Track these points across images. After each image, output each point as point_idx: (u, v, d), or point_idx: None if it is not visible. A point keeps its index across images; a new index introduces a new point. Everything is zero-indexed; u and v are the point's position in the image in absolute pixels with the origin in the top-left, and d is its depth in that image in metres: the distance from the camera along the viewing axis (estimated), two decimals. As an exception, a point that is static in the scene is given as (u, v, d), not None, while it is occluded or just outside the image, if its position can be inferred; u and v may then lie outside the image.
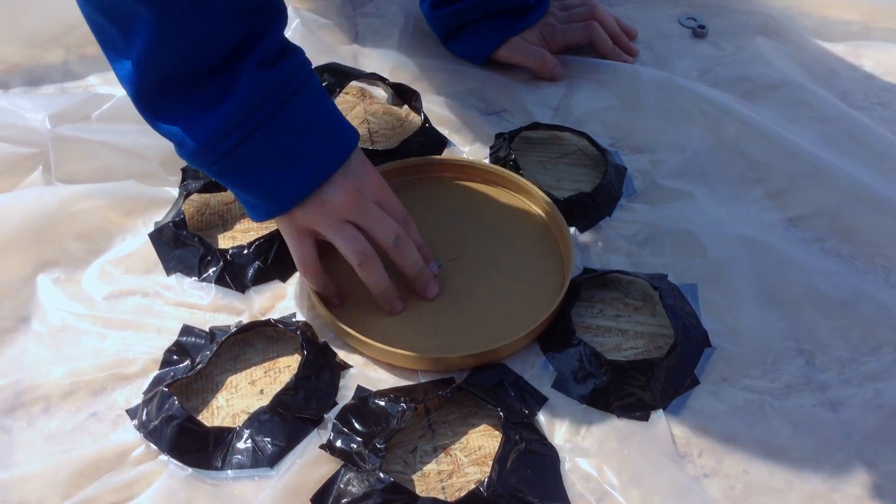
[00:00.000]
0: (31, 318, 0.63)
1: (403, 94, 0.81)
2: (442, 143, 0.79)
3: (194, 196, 0.72)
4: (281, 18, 0.59)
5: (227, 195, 0.74)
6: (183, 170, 0.73)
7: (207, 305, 0.65)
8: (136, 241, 0.69)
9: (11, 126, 0.75)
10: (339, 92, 0.80)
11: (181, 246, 0.68)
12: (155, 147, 0.74)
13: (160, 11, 0.51)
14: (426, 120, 0.79)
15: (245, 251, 0.67)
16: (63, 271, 0.66)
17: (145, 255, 0.68)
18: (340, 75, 0.80)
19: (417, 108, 0.80)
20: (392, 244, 0.62)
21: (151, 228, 0.70)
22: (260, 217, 0.60)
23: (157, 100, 0.56)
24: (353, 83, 0.83)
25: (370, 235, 0.61)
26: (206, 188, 0.72)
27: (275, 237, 0.68)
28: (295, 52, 0.59)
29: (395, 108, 0.84)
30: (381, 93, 0.85)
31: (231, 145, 0.55)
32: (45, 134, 0.73)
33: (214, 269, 0.67)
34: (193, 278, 0.67)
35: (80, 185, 0.72)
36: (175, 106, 0.56)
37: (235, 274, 0.67)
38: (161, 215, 0.71)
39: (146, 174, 0.74)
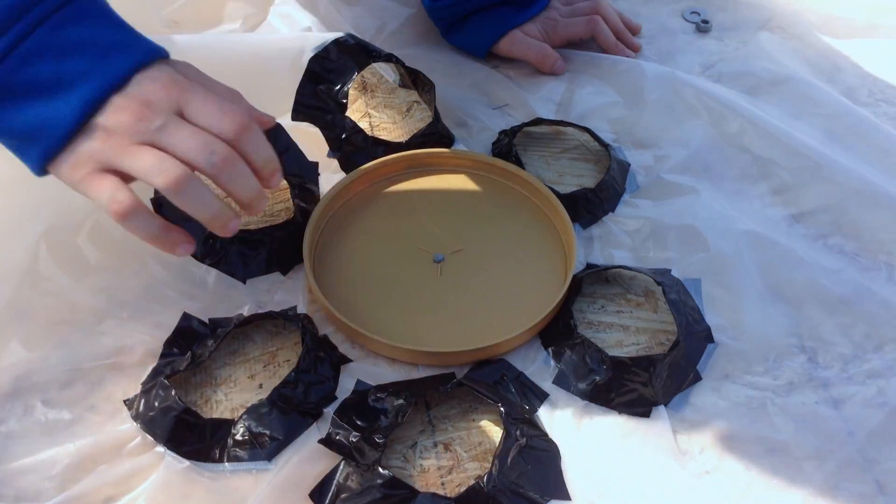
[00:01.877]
0: (26, 305, 0.62)
1: (417, 83, 0.80)
2: (450, 140, 0.78)
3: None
4: None
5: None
6: None
7: (208, 293, 0.64)
8: None
9: None
10: (357, 73, 0.77)
11: (184, 219, 0.66)
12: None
13: None
14: (437, 116, 0.78)
15: (249, 237, 0.66)
16: (59, 233, 0.64)
17: None
18: (359, 51, 0.76)
19: (429, 101, 0.79)
20: (205, 162, 0.49)
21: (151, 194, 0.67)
22: (36, 163, 0.49)
23: None
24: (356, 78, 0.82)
25: (177, 156, 0.49)
26: None
27: (277, 228, 0.68)
28: None
29: (398, 100, 0.83)
30: (389, 73, 0.83)
31: None
32: None
33: (217, 251, 0.66)
34: (194, 257, 0.65)
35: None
36: None
37: (237, 261, 0.66)
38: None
39: None
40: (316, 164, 0.73)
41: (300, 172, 0.71)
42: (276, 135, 0.69)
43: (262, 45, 0.78)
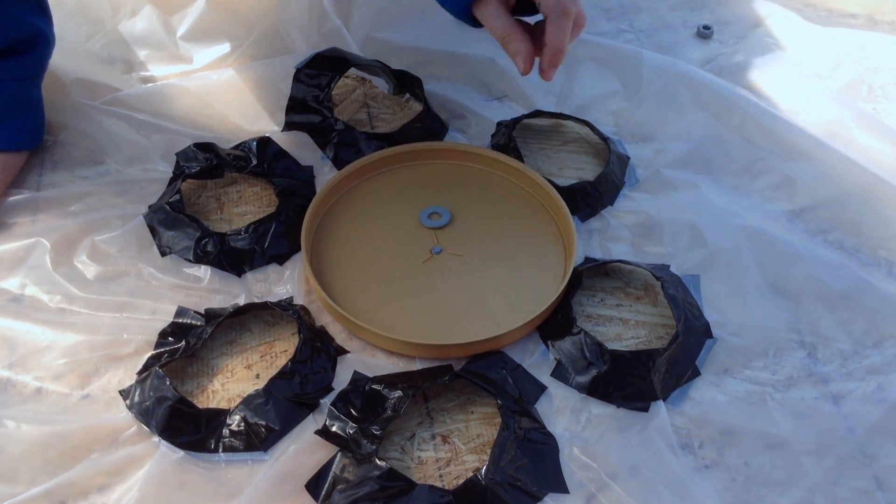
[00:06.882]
0: (23, 299, 0.62)
1: (405, 81, 0.80)
2: (443, 128, 0.78)
3: (190, 180, 0.71)
4: None
5: (225, 179, 0.73)
6: (177, 154, 0.72)
7: (203, 288, 0.64)
8: (130, 221, 0.68)
9: None
10: (340, 77, 0.79)
11: (177, 227, 0.66)
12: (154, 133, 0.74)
13: None
14: (427, 106, 0.78)
15: (242, 234, 0.66)
16: (55, 250, 0.65)
17: (139, 235, 0.67)
18: (341, 62, 0.79)
19: (419, 96, 0.79)
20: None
21: (145, 209, 0.69)
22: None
23: None
24: (353, 70, 0.82)
25: None
26: (202, 173, 0.70)
27: (272, 220, 0.67)
28: None
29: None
30: (382, 83, 0.83)
31: None
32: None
33: (211, 251, 0.65)
34: (189, 260, 0.65)
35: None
36: None
37: (232, 257, 0.66)
38: (154, 198, 0.70)
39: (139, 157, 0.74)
40: (310, 168, 0.73)
41: (292, 176, 0.72)
42: (267, 145, 0.73)
43: (253, 70, 0.82)
